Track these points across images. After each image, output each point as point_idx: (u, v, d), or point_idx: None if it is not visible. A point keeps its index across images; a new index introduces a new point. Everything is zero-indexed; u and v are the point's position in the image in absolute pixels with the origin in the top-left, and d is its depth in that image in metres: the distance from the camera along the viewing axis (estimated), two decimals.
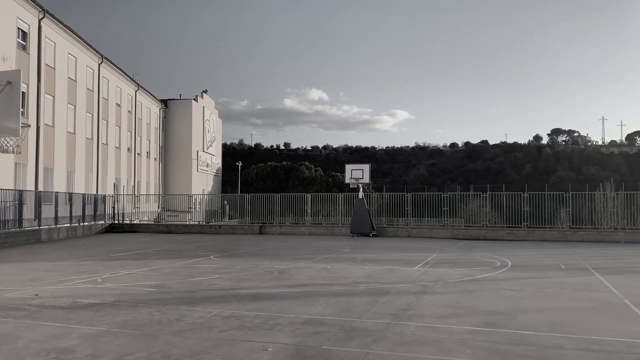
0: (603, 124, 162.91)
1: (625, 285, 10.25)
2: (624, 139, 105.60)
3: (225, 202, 33.17)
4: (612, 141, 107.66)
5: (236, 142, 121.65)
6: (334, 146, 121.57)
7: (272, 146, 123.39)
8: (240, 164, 64.10)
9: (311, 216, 29.09)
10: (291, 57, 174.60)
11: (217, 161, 60.77)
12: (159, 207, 37.69)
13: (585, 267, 13.39)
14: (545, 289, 9.84)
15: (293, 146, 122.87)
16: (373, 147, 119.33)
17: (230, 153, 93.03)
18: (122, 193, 34.43)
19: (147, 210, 37.39)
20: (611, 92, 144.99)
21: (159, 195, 43.30)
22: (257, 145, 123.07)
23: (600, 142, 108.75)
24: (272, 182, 65.50)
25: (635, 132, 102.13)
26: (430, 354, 5.61)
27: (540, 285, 10.33)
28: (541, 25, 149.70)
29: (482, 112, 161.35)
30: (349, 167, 27.43)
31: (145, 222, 32.42)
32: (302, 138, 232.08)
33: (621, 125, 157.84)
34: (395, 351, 5.68)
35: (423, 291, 9.55)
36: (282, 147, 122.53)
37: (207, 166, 56.35)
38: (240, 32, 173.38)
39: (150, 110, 47.46)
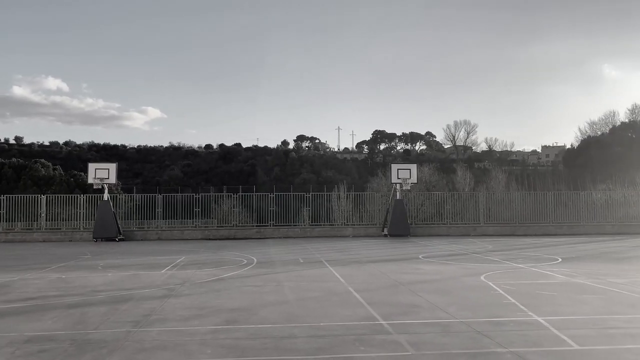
0: (339, 133, 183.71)
1: (350, 275, 11.69)
2: (354, 146, 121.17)
3: None
4: (346, 148, 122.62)
5: None
6: (78, 142, 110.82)
7: None
8: None
9: (47, 220, 25.96)
10: (21, 39, 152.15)
11: None
12: None
13: (320, 260, 14.86)
14: (285, 283, 10.60)
15: (26, 141, 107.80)
16: (123, 146, 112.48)
17: None
18: None
19: None
20: (345, 105, 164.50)
21: None
22: None
23: (336, 149, 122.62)
24: None
25: (362, 141, 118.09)
26: (171, 358, 5.50)
27: (280, 279, 11.09)
28: (289, 38, 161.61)
29: (236, 115, 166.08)
30: (92, 166, 25.30)
31: None
32: (38, 132, 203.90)
33: (352, 134, 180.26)
34: None
35: (168, 294, 9.34)
36: (11, 141, 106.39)
37: None
38: None
39: None
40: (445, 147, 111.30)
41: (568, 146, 79.04)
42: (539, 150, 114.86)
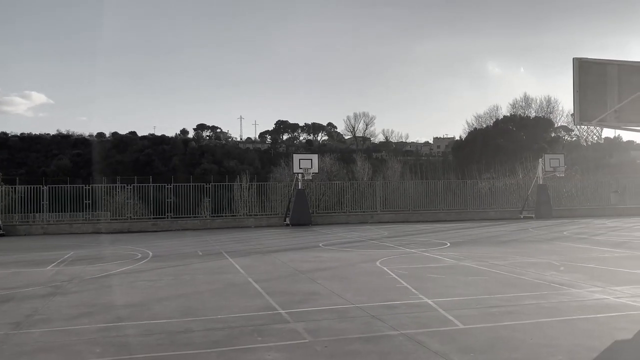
0: (241, 122, 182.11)
1: (251, 265, 11.64)
2: (257, 136, 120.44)
3: None
4: (248, 138, 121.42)
5: None
6: None
7: None
8: None
9: None
10: None
11: None
12: None
13: (220, 251, 14.62)
14: (182, 276, 10.30)
15: None
16: (4, 133, 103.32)
17: None
18: None
19: None
20: (247, 95, 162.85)
21: None
22: None
23: (238, 139, 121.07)
24: None
25: (265, 131, 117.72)
26: None
27: (177, 273, 10.76)
28: (188, 26, 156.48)
29: (130, 102, 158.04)
30: None
31: None
32: None
33: (255, 124, 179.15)
34: None
35: (54, 292, 8.73)
36: None
37: None
38: None
39: None
40: (346, 137, 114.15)
41: (457, 138, 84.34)
42: (431, 141, 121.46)
